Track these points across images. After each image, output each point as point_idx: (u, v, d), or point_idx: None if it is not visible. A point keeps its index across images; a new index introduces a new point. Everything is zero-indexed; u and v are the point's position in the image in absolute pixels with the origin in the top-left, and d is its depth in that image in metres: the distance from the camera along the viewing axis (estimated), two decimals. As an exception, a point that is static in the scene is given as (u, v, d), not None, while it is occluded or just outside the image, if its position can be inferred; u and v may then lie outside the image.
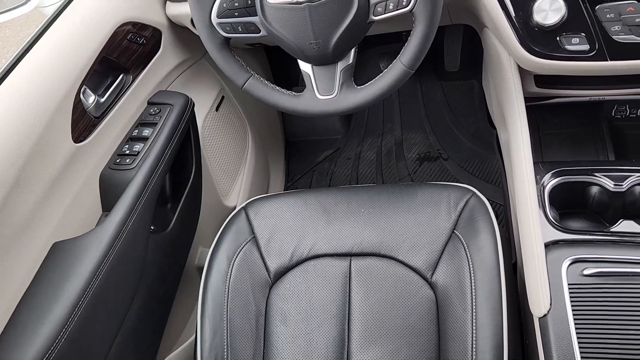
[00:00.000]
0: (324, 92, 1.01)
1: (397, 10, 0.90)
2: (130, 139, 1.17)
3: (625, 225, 0.94)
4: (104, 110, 1.13)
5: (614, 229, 0.94)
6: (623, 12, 0.92)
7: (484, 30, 1.20)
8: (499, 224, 1.05)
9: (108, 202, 1.09)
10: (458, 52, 1.87)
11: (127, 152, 1.14)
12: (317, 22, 0.92)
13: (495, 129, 1.47)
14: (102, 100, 1.13)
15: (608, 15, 0.93)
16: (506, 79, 1.11)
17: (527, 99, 1.14)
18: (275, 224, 1.16)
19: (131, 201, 1.06)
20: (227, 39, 1.01)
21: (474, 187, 1.11)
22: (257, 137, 1.75)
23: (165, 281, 1.22)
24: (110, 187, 1.10)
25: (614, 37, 0.93)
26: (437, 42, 1.86)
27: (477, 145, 1.84)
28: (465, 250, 1.01)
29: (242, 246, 1.14)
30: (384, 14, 0.91)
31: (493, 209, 1.08)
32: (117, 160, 1.13)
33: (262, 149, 1.80)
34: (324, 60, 0.98)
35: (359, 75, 1.95)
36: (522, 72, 1.11)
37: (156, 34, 1.29)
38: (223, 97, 1.58)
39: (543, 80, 1.13)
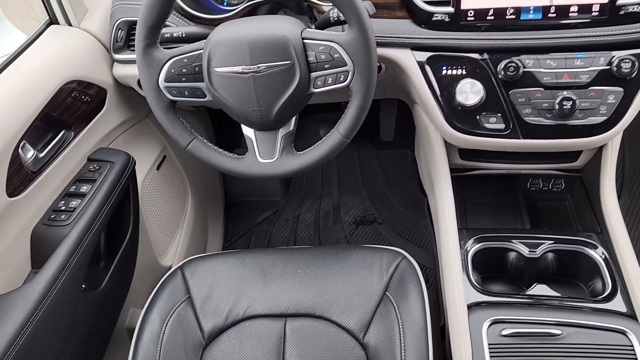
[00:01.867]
0: (265, 156, 1.05)
1: (336, 84, 0.97)
2: (67, 195, 1.16)
3: (539, 289, 1.02)
4: (42, 165, 1.12)
5: (529, 292, 1.02)
6: (532, 98, 1.05)
7: (415, 106, 1.31)
8: (429, 287, 1.11)
9: (39, 258, 1.07)
10: (393, 124, 1.99)
11: (63, 208, 1.13)
12: (261, 91, 0.97)
13: (426, 196, 1.56)
14: (41, 155, 1.13)
15: (520, 99, 1.05)
16: (434, 151, 1.21)
17: (453, 170, 1.23)
18: (212, 283, 1.16)
19: (63, 259, 1.04)
20: (173, 102, 1.04)
21: (406, 251, 1.17)
22: (196, 196, 1.76)
23: (94, 342, 1.18)
24: (42, 244, 1.08)
25: (525, 118, 1.05)
26: (374, 113, 1.98)
27: (410, 211, 1.94)
28: (395, 311, 1.06)
29: (176, 306, 1.13)
30: (323, 87, 0.98)
31: (424, 272, 1.14)
32: (52, 216, 1.11)
33: (201, 209, 1.80)
34: (266, 126, 1.03)
35: (300, 140, 2.01)
36: (448, 145, 1.21)
37: (101, 92, 1.31)
38: (165, 156, 1.60)
39: (466, 153, 1.23)
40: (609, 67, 1.01)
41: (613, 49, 1.01)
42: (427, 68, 1.10)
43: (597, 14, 0.99)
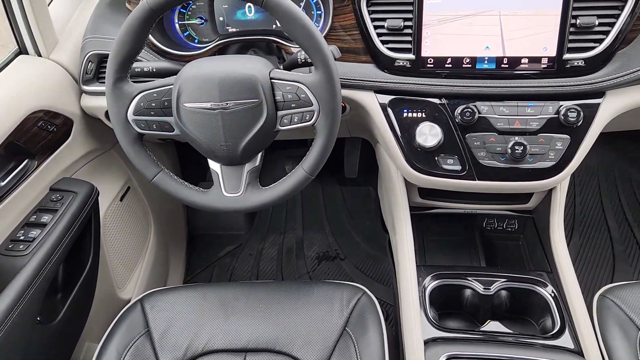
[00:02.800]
0: (231, 190, 1.07)
1: (301, 123, 1.01)
2: (27, 224, 1.14)
3: (492, 326, 1.06)
4: (3, 194, 1.11)
5: (483, 328, 1.05)
6: (487, 142, 1.11)
7: (377, 145, 1.35)
8: (389, 323, 1.13)
9: (-6, 289, 1.04)
10: (357, 161, 2.04)
11: (22, 238, 1.11)
12: (228, 127, 1.00)
13: (388, 233, 1.59)
14: (2, 184, 1.12)
15: (475, 143, 1.11)
16: (395, 189, 1.25)
17: (413, 208, 1.28)
18: (172, 317, 1.15)
19: (19, 290, 1.02)
20: (141, 135, 1.06)
21: (367, 287, 1.19)
22: (159, 229, 1.75)
23: (46, 377, 1.15)
24: (-1, 274, 1.06)
25: (480, 161, 1.11)
26: (338, 151, 2.03)
27: (372, 248, 1.97)
28: (354, 346, 1.07)
29: (134, 340, 1.11)
30: (290, 125, 1.01)
31: (385, 308, 1.16)
32: (10, 246, 1.09)
33: (163, 241, 1.79)
34: (232, 161, 1.05)
35: (267, 175, 2.05)
36: (408, 184, 1.26)
37: (68, 122, 1.31)
38: (129, 187, 1.59)
39: (426, 192, 1.28)
40: (556, 115, 1.08)
41: (560, 99, 1.09)
42: (389, 110, 1.15)
43: (545, 66, 1.07)
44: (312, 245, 2.02)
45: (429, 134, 1.11)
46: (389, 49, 1.12)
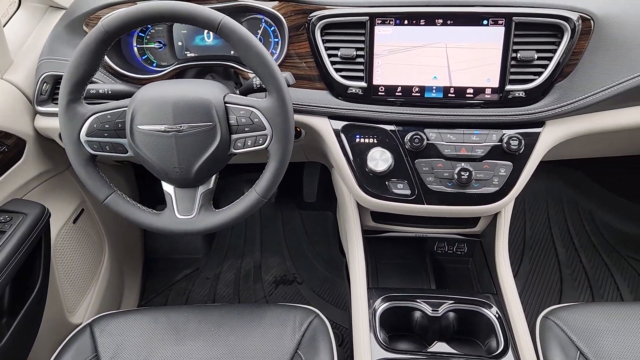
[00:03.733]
0: (184, 212, 1.08)
1: (255, 147, 1.03)
2: (-28, 246, 1.11)
3: (439, 347, 1.08)
4: (-52, 214, 1.09)
5: (430, 349, 1.08)
6: (435, 167, 1.15)
7: (333, 170, 1.38)
8: (344, 347, 1.14)
9: None
10: (315, 186, 2.07)
11: (-34, 259, 1.08)
12: (182, 149, 1.01)
13: (345, 256, 1.62)
14: (-52, 204, 1.09)
15: (424, 168, 1.15)
16: (348, 213, 1.28)
17: (367, 232, 1.31)
18: (121, 342, 1.13)
19: None
20: (94, 156, 1.06)
21: (324, 311, 1.20)
22: (114, 252, 1.73)
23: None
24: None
25: (428, 185, 1.15)
26: (297, 175, 2.06)
27: (329, 272, 1.98)
28: (306, 369, 1.07)
29: (82, 366, 1.09)
30: (243, 148, 1.03)
31: (340, 332, 1.17)
32: (-47, 268, 1.06)
33: (118, 265, 1.76)
34: (185, 183, 1.06)
35: (225, 198, 2.05)
36: (361, 208, 1.29)
37: (20, 143, 1.29)
38: (83, 209, 1.57)
39: (378, 216, 1.31)
40: (500, 143, 1.13)
41: (503, 127, 1.14)
42: (342, 136, 1.18)
43: (489, 96, 1.13)
44: (270, 269, 2.02)
45: (379, 159, 1.14)
46: (342, 76, 1.16)
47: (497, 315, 1.14)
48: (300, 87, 1.20)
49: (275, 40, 1.26)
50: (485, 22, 1.08)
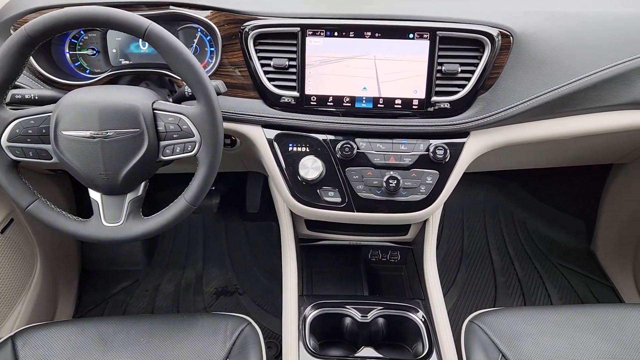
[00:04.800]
0: (111, 220, 1.06)
1: (183, 154, 1.03)
2: None
3: (366, 352, 1.10)
4: None
5: (358, 354, 1.09)
6: (365, 175, 1.18)
7: (269, 178, 1.39)
8: (280, 354, 1.13)
9: None
10: (259, 196, 2.07)
11: None
12: (108, 156, 1.00)
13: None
14: None
15: (354, 176, 1.18)
16: (282, 221, 1.29)
17: (302, 240, 1.32)
18: (45, 355, 1.10)
19: None
20: (16, 162, 1.03)
21: (264, 321, 1.20)
22: (47, 263, 1.67)
23: None
24: None
25: (358, 193, 1.18)
26: (241, 185, 2.05)
27: (271, 282, 1.98)
28: (235, 377, 1.07)
29: (0, 380, 1.05)
30: (172, 155, 1.03)
31: (279, 341, 1.17)
32: None
33: (51, 277, 1.70)
34: (112, 190, 1.05)
35: (163, 206, 2.01)
36: (295, 217, 1.30)
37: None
38: (12, 219, 1.52)
39: (312, 224, 1.33)
40: (427, 152, 1.17)
41: (430, 137, 1.18)
42: (275, 144, 1.20)
43: (416, 107, 1.17)
44: (211, 280, 2.00)
45: (311, 167, 1.16)
46: (275, 86, 1.17)
47: (423, 320, 1.16)
48: (234, 96, 1.21)
49: (212, 49, 1.27)
50: (411, 35, 1.12)
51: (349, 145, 1.16)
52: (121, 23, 0.95)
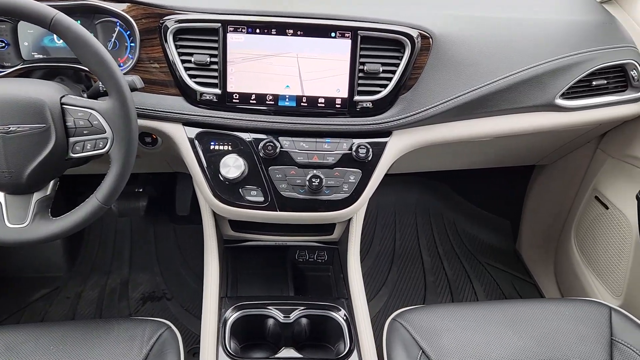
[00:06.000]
0: (15, 221, 1.00)
1: (95, 150, 0.98)
2: None
3: (286, 352, 1.08)
4: None
5: (278, 355, 1.08)
6: (288, 174, 1.16)
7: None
8: None
9: None
10: (189, 198, 2.02)
11: None
12: (10, 152, 0.94)
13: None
14: None
15: (277, 175, 1.16)
16: (204, 221, 1.26)
17: (227, 241, 1.29)
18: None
19: None
20: None
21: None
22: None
23: None
24: None
25: (281, 192, 1.16)
26: (170, 187, 1.99)
27: (201, 286, 1.92)
28: (150, 383, 1.03)
29: None
30: (82, 152, 0.98)
31: None
32: None
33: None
34: (17, 189, 0.98)
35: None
36: (220, 217, 1.27)
37: None
38: None
39: (236, 225, 1.30)
40: (350, 151, 1.17)
41: (353, 136, 1.18)
42: (196, 143, 1.17)
43: (339, 106, 1.17)
44: (138, 286, 1.92)
45: (232, 166, 1.14)
46: (196, 82, 1.14)
47: (345, 319, 1.16)
48: (153, 92, 1.17)
49: (132, 44, 1.22)
50: (333, 34, 1.12)
51: (272, 144, 1.15)
52: (26, 12, 0.91)
